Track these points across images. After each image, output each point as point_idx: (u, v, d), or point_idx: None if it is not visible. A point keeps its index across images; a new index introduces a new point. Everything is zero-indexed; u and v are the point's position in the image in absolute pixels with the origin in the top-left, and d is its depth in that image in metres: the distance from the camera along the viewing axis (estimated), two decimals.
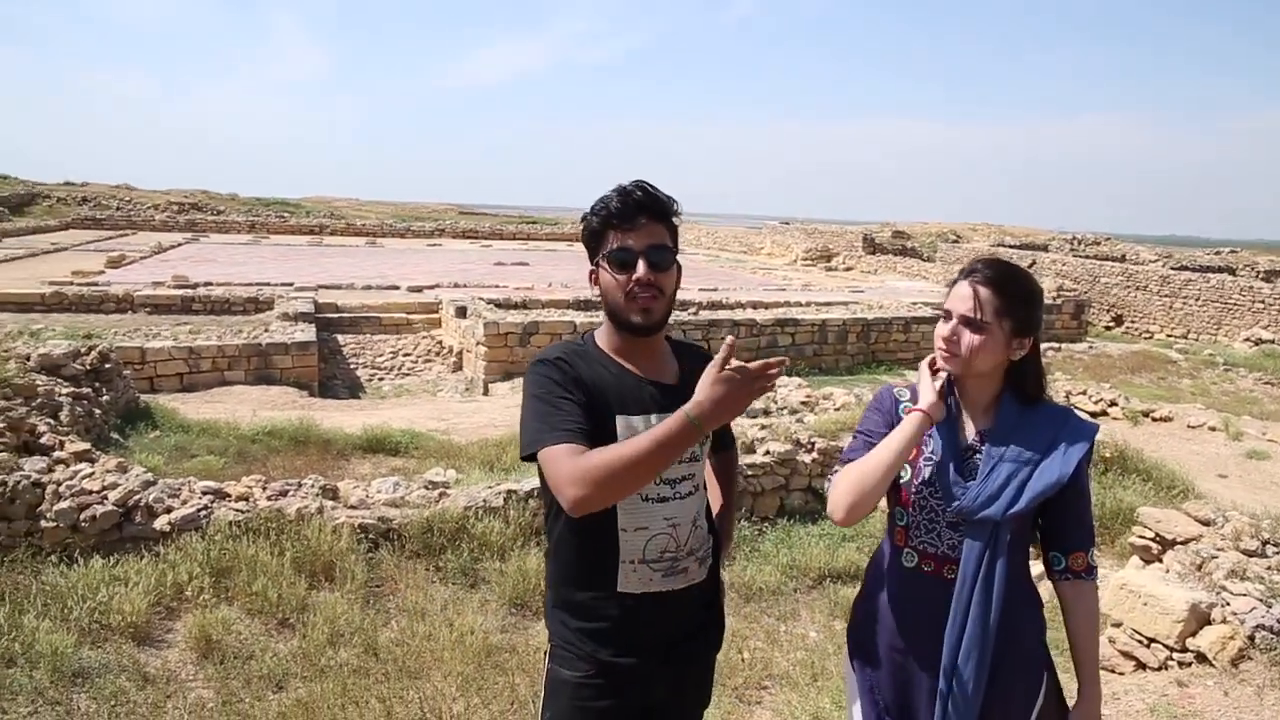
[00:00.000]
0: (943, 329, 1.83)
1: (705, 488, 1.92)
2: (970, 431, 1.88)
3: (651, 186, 1.78)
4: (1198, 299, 20.54)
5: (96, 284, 15.85)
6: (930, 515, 1.86)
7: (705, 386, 1.54)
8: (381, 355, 13.50)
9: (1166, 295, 21.25)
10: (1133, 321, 21.97)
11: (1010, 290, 1.80)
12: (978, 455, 1.84)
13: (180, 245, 26.65)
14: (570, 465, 1.57)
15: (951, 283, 1.87)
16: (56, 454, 5.36)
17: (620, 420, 1.75)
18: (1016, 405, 1.86)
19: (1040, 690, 1.86)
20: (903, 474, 1.90)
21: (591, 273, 1.84)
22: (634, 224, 1.75)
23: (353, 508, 4.77)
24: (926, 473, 1.87)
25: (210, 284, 16.31)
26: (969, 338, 1.79)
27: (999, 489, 1.78)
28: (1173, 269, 23.60)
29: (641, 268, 1.74)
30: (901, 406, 1.94)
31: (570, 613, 1.83)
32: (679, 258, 1.85)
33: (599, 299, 1.85)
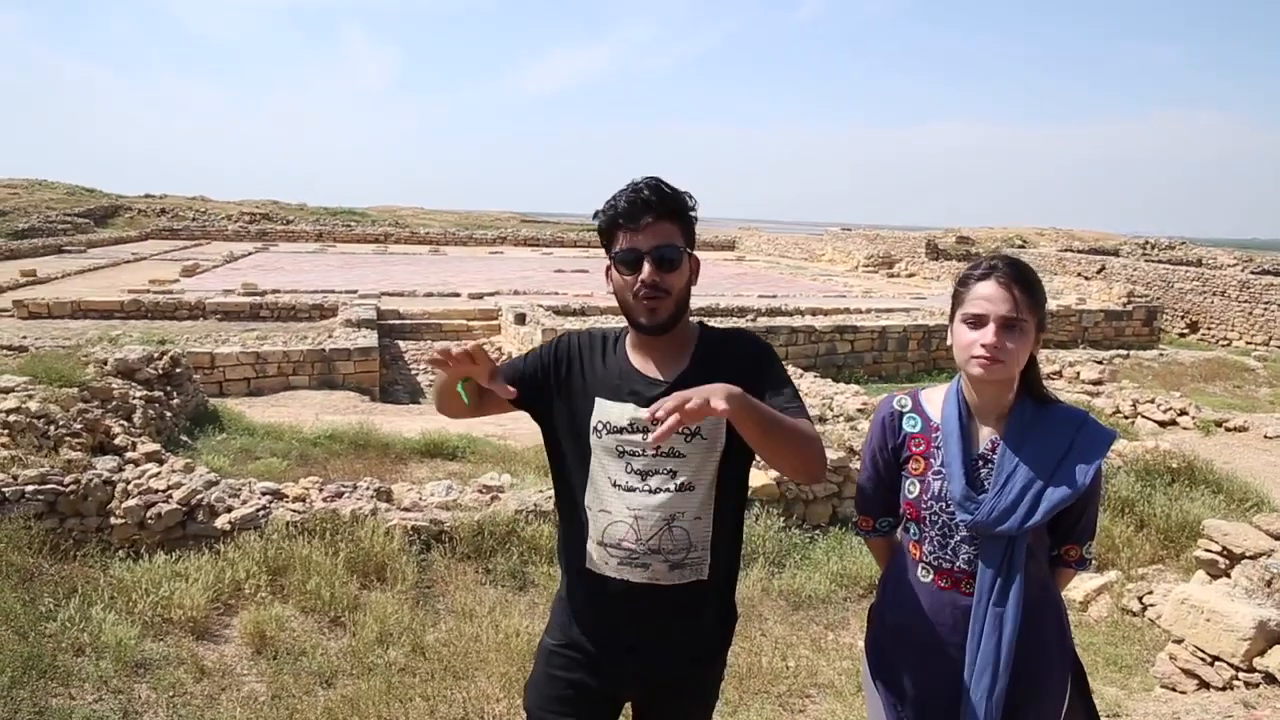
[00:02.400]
0: (981, 335, 1.70)
1: (711, 500, 1.78)
2: (982, 440, 1.80)
3: (662, 183, 1.75)
4: None
5: (171, 292, 16.48)
6: (943, 530, 1.79)
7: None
8: None
9: (1245, 300, 20.43)
10: (1208, 328, 21.17)
11: (1033, 285, 1.73)
12: (990, 465, 1.77)
13: (250, 254, 27.54)
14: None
15: (961, 282, 1.79)
16: (129, 454, 5.58)
17: (599, 403, 1.81)
18: (1030, 409, 1.78)
19: (1065, 694, 1.81)
20: (911, 488, 1.84)
21: (607, 269, 1.83)
22: (639, 223, 1.72)
23: (406, 510, 4.86)
24: (937, 487, 1.79)
25: (278, 291, 16.81)
26: (1012, 341, 1.70)
27: (1014, 501, 1.71)
28: (1253, 273, 22.71)
29: (647, 269, 1.72)
30: (906, 419, 1.89)
31: (562, 582, 1.94)
32: (699, 254, 1.83)
33: None
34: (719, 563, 1.83)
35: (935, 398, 1.88)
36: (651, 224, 1.72)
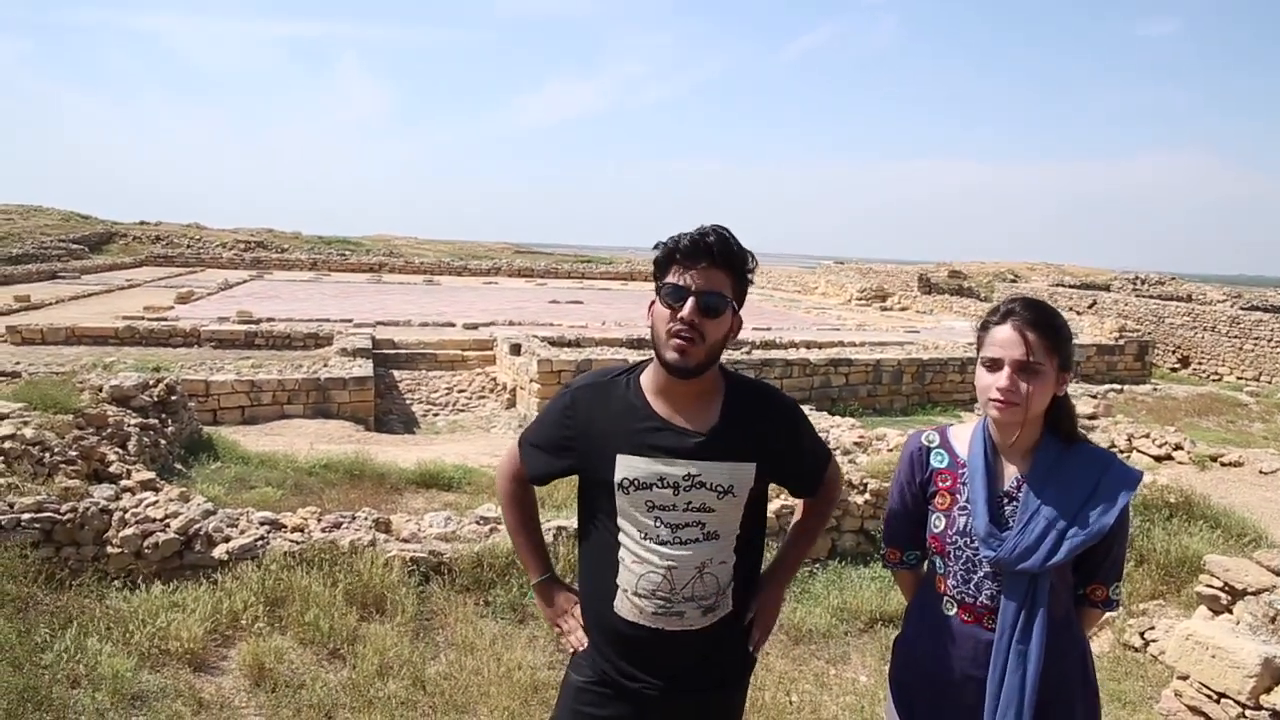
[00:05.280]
0: (996, 379, 1.74)
1: (734, 539, 1.83)
2: (1008, 478, 1.82)
3: (730, 235, 1.77)
4: (1270, 340, 19.87)
5: (166, 319, 16.44)
6: (967, 565, 1.81)
7: (558, 605, 2.03)
8: (436, 391, 13.70)
9: (1236, 336, 20.59)
10: (1200, 363, 21.32)
11: (1053, 328, 1.75)
12: (1015, 503, 1.78)
13: (246, 282, 27.53)
14: (503, 473, 2.07)
15: (982, 327, 1.82)
16: (124, 482, 5.54)
17: (621, 459, 1.78)
18: (1056, 448, 1.80)
19: None
20: (936, 523, 1.86)
21: (651, 302, 1.83)
22: (696, 264, 1.74)
23: (404, 541, 4.83)
24: (962, 522, 1.81)
25: (273, 320, 16.79)
26: (1026, 384, 1.72)
27: (1037, 540, 1.73)
28: (1243, 309, 22.92)
29: (689, 306, 1.72)
30: (934, 454, 1.91)
31: (588, 619, 1.92)
32: (741, 314, 1.84)
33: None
34: (743, 595, 1.87)
35: (963, 434, 1.91)
36: (706, 268, 1.74)
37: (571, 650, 1.95)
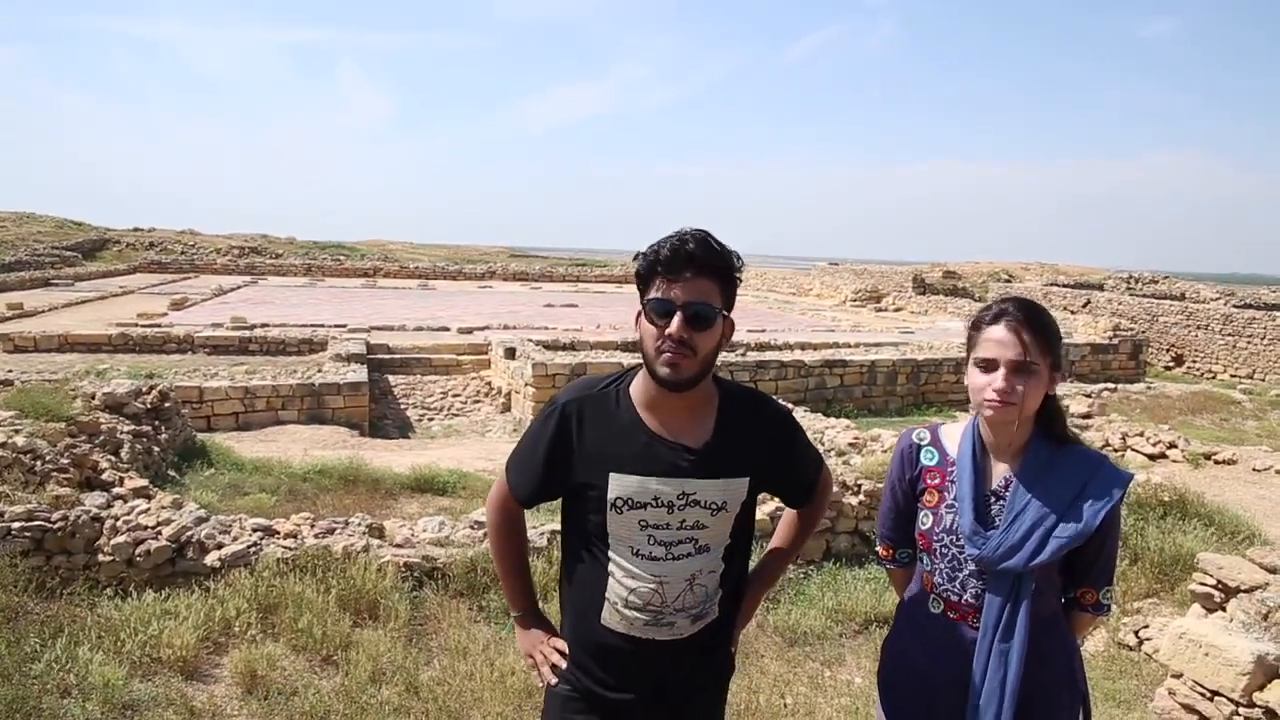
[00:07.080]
0: (992, 380, 1.72)
1: (723, 549, 1.83)
2: (996, 477, 1.82)
3: (711, 238, 1.68)
4: (1263, 337, 19.94)
5: (160, 325, 16.40)
6: (953, 564, 1.81)
7: (534, 637, 1.95)
8: (431, 395, 13.68)
9: (1229, 334, 20.66)
10: (1193, 361, 21.38)
11: (1046, 327, 1.75)
12: (1002, 502, 1.79)
13: (240, 288, 27.49)
14: (493, 502, 1.98)
15: (974, 326, 1.81)
16: (116, 490, 5.52)
17: (614, 478, 1.72)
18: (1046, 449, 1.79)
19: None
20: (924, 520, 1.87)
21: (638, 315, 1.74)
22: (679, 275, 1.65)
23: (398, 546, 4.81)
24: (948, 520, 1.81)
25: (267, 325, 16.76)
26: (1022, 385, 1.71)
27: (1021, 539, 1.73)
28: (1236, 307, 23.00)
29: (676, 322, 1.64)
30: (924, 451, 1.91)
31: (569, 631, 1.90)
32: (733, 316, 1.75)
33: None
34: (730, 601, 1.88)
35: (954, 433, 1.91)
36: (691, 279, 1.65)
37: (545, 681, 1.90)
